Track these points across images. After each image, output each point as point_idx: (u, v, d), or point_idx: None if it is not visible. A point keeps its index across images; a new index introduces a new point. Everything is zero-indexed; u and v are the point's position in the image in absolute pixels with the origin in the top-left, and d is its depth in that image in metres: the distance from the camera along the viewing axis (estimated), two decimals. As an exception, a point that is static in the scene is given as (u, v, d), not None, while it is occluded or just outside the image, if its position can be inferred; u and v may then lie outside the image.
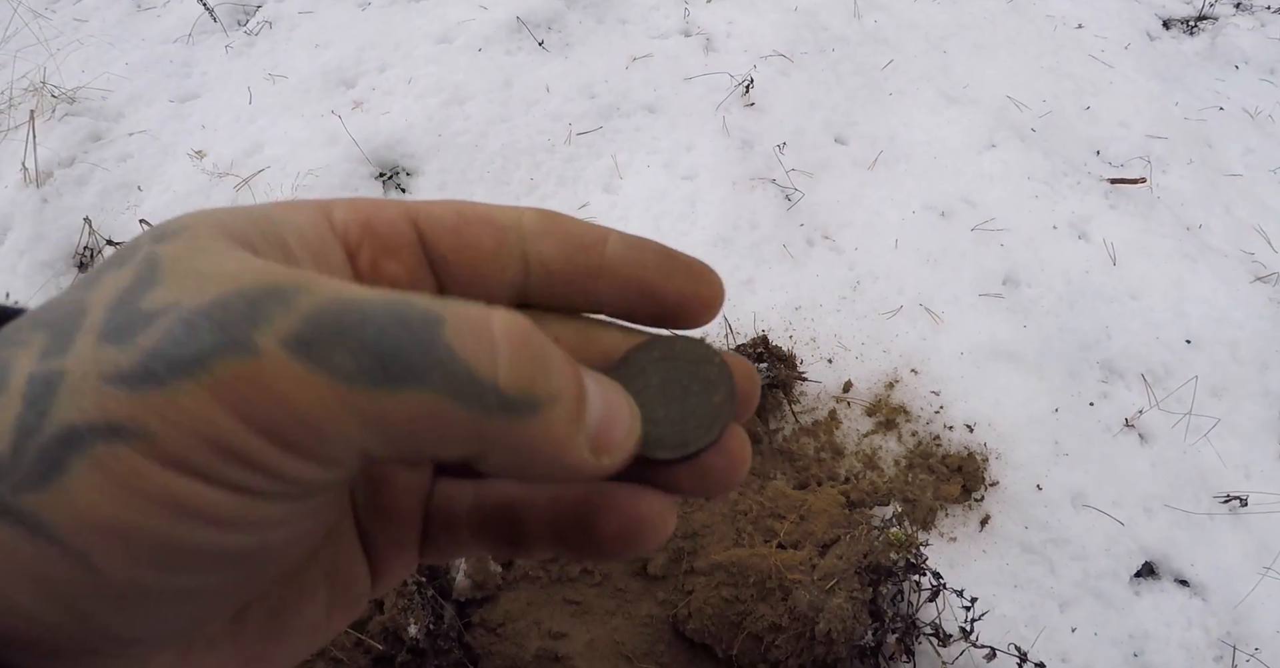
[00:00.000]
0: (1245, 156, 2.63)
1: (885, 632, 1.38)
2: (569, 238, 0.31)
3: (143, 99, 2.36)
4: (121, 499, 0.21)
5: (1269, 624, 1.79)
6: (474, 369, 0.22)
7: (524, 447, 0.24)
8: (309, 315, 0.22)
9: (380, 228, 0.30)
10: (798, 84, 2.51)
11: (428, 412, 0.22)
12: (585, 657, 1.41)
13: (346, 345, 0.21)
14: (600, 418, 0.26)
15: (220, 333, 0.21)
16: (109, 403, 0.21)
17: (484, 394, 0.22)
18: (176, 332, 0.21)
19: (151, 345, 0.21)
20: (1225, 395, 2.06)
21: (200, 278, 0.22)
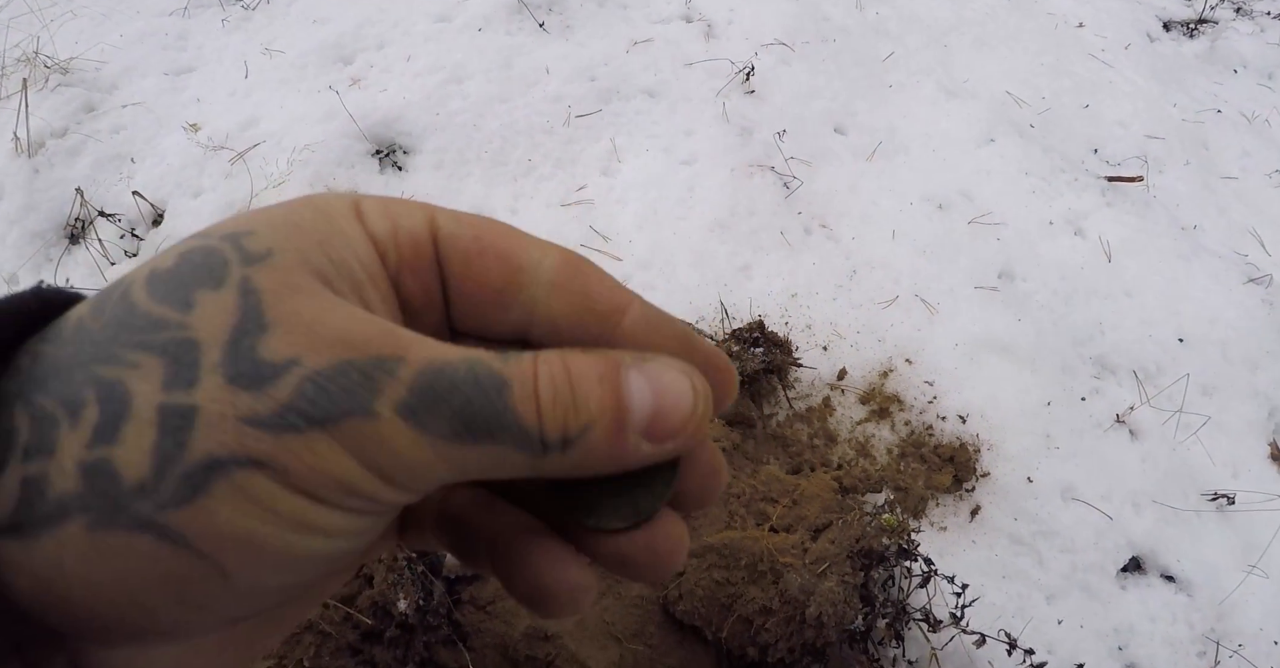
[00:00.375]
0: (1241, 159, 2.64)
1: (876, 617, 1.38)
2: (586, 300, 0.32)
3: (137, 71, 2.33)
4: (257, 516, 0.25)
5: (1253, 621, 1.80)
6: (527, 427, 0.28)
7: (576, 463, 0.29)
8: (411, 385, 0.26)
9: (404, 240, 0.31)
10: (798, 73, 2.50)
11: (499, 459, 0.28)
12: (574, 637, 1.40)
13: (440, 412, 0.27)
14: (651, 413, 0.29)
15: (348, 399, 0.26)
16: (249, 442, 0.25)
17: (534, 444, 0.28)
18: (309, 391, 0.25)
19: (287, 399, 0.25)
20: (1216, 394, 2.07)
21: (311, 335, 0.26)
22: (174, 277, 0.27)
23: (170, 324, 0.26)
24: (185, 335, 0.26)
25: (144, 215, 2.00)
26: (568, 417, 0.28)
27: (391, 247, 0.31)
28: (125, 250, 1.96)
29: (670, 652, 1.46)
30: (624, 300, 0.32)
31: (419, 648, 1.31)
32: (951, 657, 1.49)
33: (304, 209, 0.30)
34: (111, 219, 1.97)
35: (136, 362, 0.25)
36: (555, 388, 0.28)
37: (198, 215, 1.93)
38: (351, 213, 0.31)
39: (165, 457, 0.24)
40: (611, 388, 0.29)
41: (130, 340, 0.25)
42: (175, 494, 0.24)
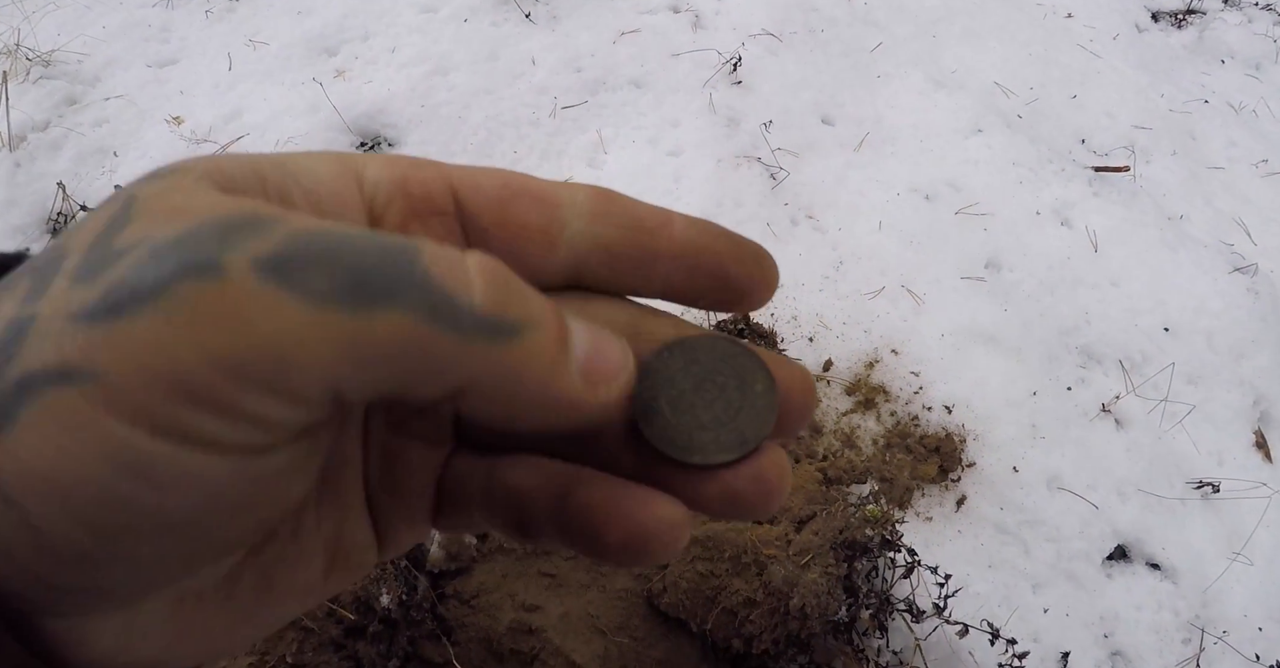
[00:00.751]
0: (1228, 149, 2.64)
1: (859, 607, 1.39)
2: (630, 220, 0.30)
3: (120, 63, 2.31)
4: (62, 451, 0.19)
5: (1237, 608, 1.81)
6: (451, 291, 0.21)
7: (507, 375, 0.23)
8: (285, 238, 0.20)
9: (414, 190, 0.28)
10: (786, 64, 2.49)
11: (404, 335, 0.21)
12: (559, 630, 1.41)
13: (323, 267, 0.20)
14: (588, 349, 0.25)
15: (184, 255, 0.20)
16: (65, 343, 0.19)
17: (461, 315, 0.21)
18: (140, 262, 0.20)
19: (116, 278, 0.20)
20: (1201, 383, 2.08)
21: (174, 212, 0.21)
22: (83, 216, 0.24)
23: (51, 246, 0.22)
24: (58, 252, 0.22)
25: (126, 209, 1.99)
26: (510, 296, 0.23)
27: (399, 195, 0.28)
28: (108, 245, 1.94)
29: (655, 644, 1.47)
30: (665, 214, 0.30)
31: (402, 643, 1.31)
32: (935, 647, 1.49)
33: (296, 152, 0.27)
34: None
35: (14, 285, 0.22)
36: (497, 269, 0.23)
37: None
38: (343, 160, 0.28)
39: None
40: (553, 305, 0.24)
41: (22, 269, 0.22)
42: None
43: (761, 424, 0.29)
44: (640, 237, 0.30)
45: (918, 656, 1.47)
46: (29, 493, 0.20)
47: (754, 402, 0.29)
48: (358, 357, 0.21)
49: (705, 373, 0.30)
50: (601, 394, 0.25)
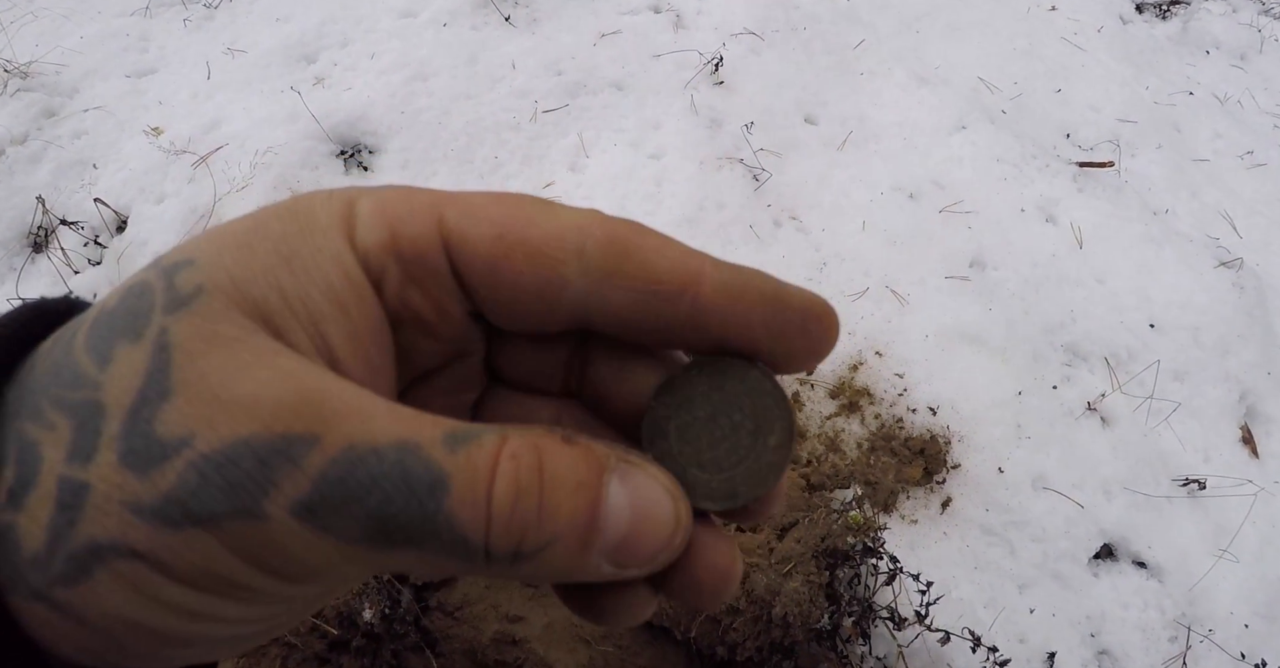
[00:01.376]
0: (1213, 142, 2.63)
1: (842, 615, 1.39)
2: (646, 284, 0.27)
3: (98, 74, 2.30)
4: (140, 603, 0.24)
5: (1223, 606, 1.81)
6: (468, 538, 0.24)
7: (520, 576, 0.25)
8: (317, 479, 0.23)
9: (406, 252, 0.27)
10: (768, 63, 2.48)
11: (422, 563, 0.25)
12: (543, 640, 1.41)
13: (350, 512, 0.23)
14: (624, 536, 0.25)
15: (232, 498, 0.23)
16: (130, 531, 0.23)
17: (475, 554, 0.24)
18: (192, 482, 0.23)
19: (168, 489, 0.23)
20: (1187, 380, 2.08)
21: (213, 405, 0.23)
22: (108, 322, 0.25)
23: (87, 382, 0.24)
24: (95, 398, 0.24)
25: (107, 223, 1.98)
26: (528, 530, 0.24)
27: (391, 261, 0.27)
28: (89, 259, 1.94)
29: (640, 652, 1.47)
30: (692, 271, 0.27)
31: (386, 656, 1.31)
32: (918, 654, 1.49)
33: (277, 221, 0.27)
34: (74, 227, 1.95)
35: (53, 423, 0.24)
36: (519, 494, 0.24)
37: (160, 222, 1.91)
38: (338, 222, 0.27)
39: (57, 533, 0.24)
40: (588, 501, 0.25)
41: (54, 396, 0.25)
42: (63, 573, 0.24)
43: (758, 483, 0.28)
44: (657, 305, 0.27)
45: (901, 663, 1.47)
46: (117, 627, 0.24)
47: (761, 455, 0.28)
48: (383, 569, 0.25)
49: (724, 405, 0.28)
50: (632, 573, 0.26)
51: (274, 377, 0.24)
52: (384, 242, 0.27)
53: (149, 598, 0.24)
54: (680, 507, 0.26)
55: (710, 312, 0.27)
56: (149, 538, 0.23)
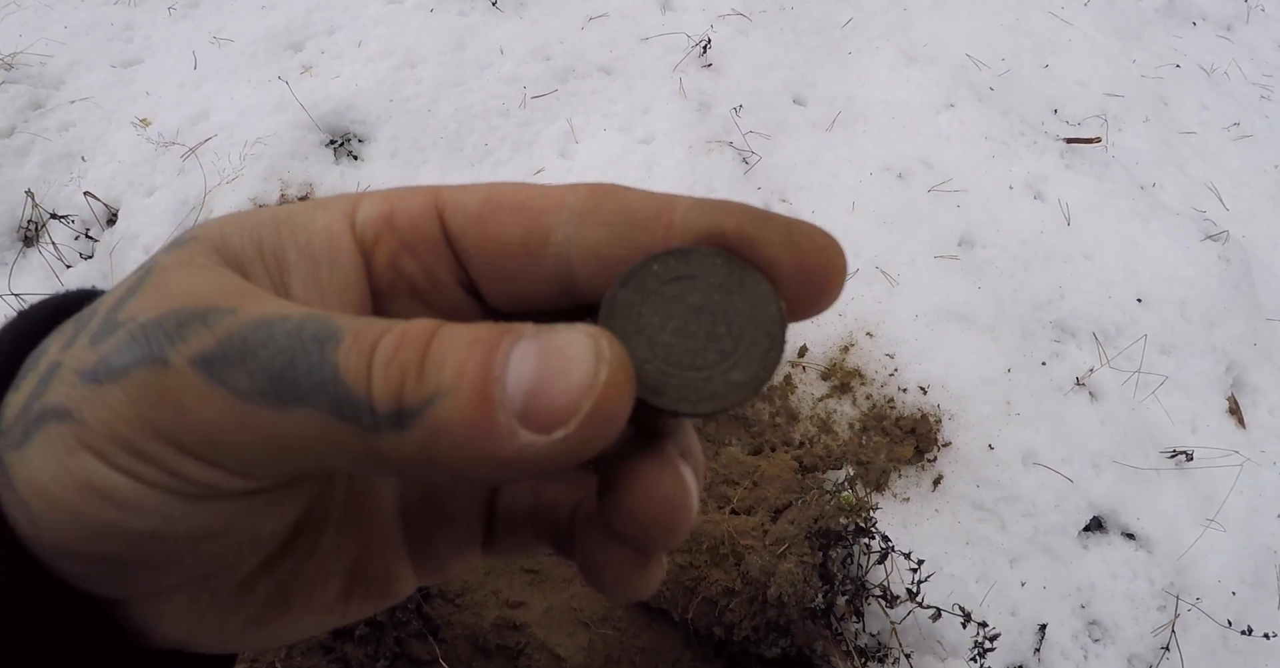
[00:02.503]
0: (1200, 114, 2.64)
1: (835, 594, 1.42)
2: (623, 215, 0.27)
3: (83, 65, 2.28)
4: (53, 470, 0.24)
5: (1211, 574, 1.85)
6: (351, 387, 0.22)
7: (422, 450, 0.22)
8: (222, 336, 0.24)
9: (400, 222, 0.29)
10: (756, 43, 2.48)
11: (315, 429, 0.23)
12: (543, 625, 1.44)
13: (245, 366, 0.23)
14: (530, 384, 0.22)
15: (145, 346, 0.24)
16: (66, 390, 0.25)
17: (361, 410, 0.22)
18: (122, 341, 0.25)
19: (106, 350, 0.25)
20: (1174, 353, 2.11)
21: (161, 294, 0.25)
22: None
23: (98, 301, 0.27)
24: (93, 308, 0.27)
25: (97, 216, 1.98)
26: (406, 378, 0.22)
27: (386, 230, 0.29)
28: (80, 253, 1.94)
29: (639, 634, 1.50)
30: (668, 200, 0.27)
31: (390, 643, 1.34)
32: (911, 630, 1.53)
33: (301, 204, 0.30)
34: (64, 221, 1.95)
35: (63, 329, 0.27)
36: (401, 343, 0.23)
37: (151, 214, 1.91)
38: (342, 204, 0.30)
39: (26, 404, 0.26)
40: (481, 350, 0.23)
41: (76, 316, 0.27)
42: (16, 437, 0.25)
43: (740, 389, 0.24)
44: (633, 234, 0.26)
45: (894, 639, 1.50)
46: (34, 499, 0.25)
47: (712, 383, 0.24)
48: (280, 446, 0.24)
49: (719, 307, 0.25)
50: (560, 436, 0.22)
51: (218, 280, 0.26)
52: (382, 214, 0.29)
53: (60, 462, 0.24)
54: (604, 343, 0.23)
55: (683, 230, 0.26)
56: (75, 395, 0.24)
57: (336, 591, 0.32)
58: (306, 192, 1.96)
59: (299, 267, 0.28)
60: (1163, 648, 1.76)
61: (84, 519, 0.25)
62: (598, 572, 0.29)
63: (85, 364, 0.25)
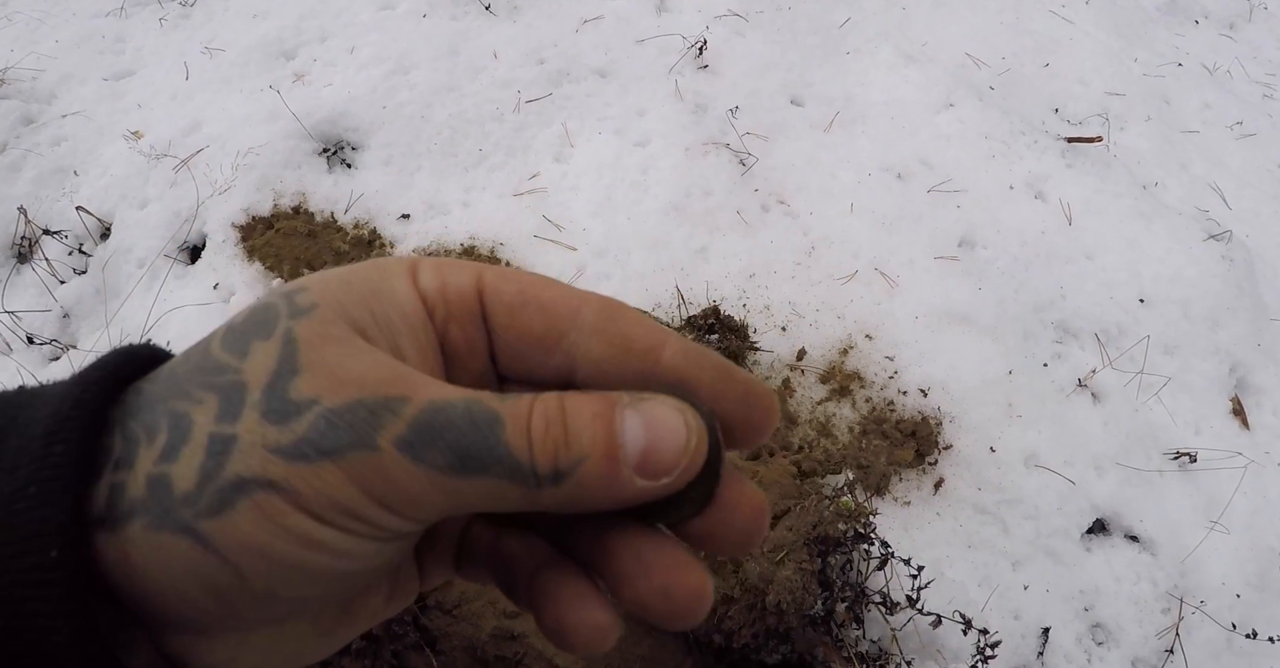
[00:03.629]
0: (1203, 112, 2.62)
1: (834, 601, 1.40)
2: (624, 341, 0.34)
3: (75, 78, 2.28)
4: (270, 531, 0.29)
5: (1215, 577, 1.83)
6: (519, 460, 0.30)
7: (574, 499, 0.31)
8: (411, 423, 0.30)
9: (451, 297, 0.36)
10: (753, 44, 2.46)
11: (492, 490, 0.31)
12: (541, 635, 1.42)
13: (437, 446, 0.30)
14: (644, 448, 0.31)
15: (353, 434, 0.30)
16: (270, 467, 0.29)
17: (528, 476, 0.31)
18: (321, 426, 0.30)
19: (304, 432, 0.30)
20: (1177, 354, 2.09)
21: (333, 378, 0.31)
22: (240, 330, 0.33)
23: (229, 369, 0.32)
24: (238, 379, 0.31)
25: (90, 230, 1.97)
26: (559, 450, 0.30)
27: (440, 302, 0.36)
28: (74, 268, 1.93)
29: (638, 642, 1.49)
30: (660, 338, 0.34)
31: (387, 656, 1.33)
32: (911, 636, 1.51)
33: (363, 267, 0.36)
34: (57, 236, 1.95)
35: (201, 399, 0.31)
36: (548, 423, 0.31)
37: (145, 227, 1.90)
38: (406, 272, 0.36)
39: (206, 475, 0.29)
40: (604, 423, 0.31)
41: (200, 381, 0.31)
42: (209, 506, 0.29)
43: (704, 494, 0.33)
44: (629, 359, 0.35)
45: (894, 646, 1.49)
46: (244, 557, 0.29)
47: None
48: (462, 501, 0.31)
49: None
50: (664, 482, 0.31)
51: (376, 360, 0.32)
52: (439, 286, 0.36)
53: (278, 525, 0.29)
54: (689, 417, 0.32)
55: (670, 370, 0.34)
56: (286, 471, 0.29)
57: (383, 597, 0.39)
58: (299, 201, 1.96)
59: (404, 333, 0.35)
60: (1167, 651, 1.74)
61: (300, 569, 0.30)
62: (564, 635, 0.35)
63: (279, 443, 0.29)
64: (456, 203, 2.04)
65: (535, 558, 0.37)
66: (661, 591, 0.33)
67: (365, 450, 0.30)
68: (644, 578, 0.33)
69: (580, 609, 0.34)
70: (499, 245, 1.97)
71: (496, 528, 0.39)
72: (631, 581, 0.33)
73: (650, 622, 0.34)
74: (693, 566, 0.33)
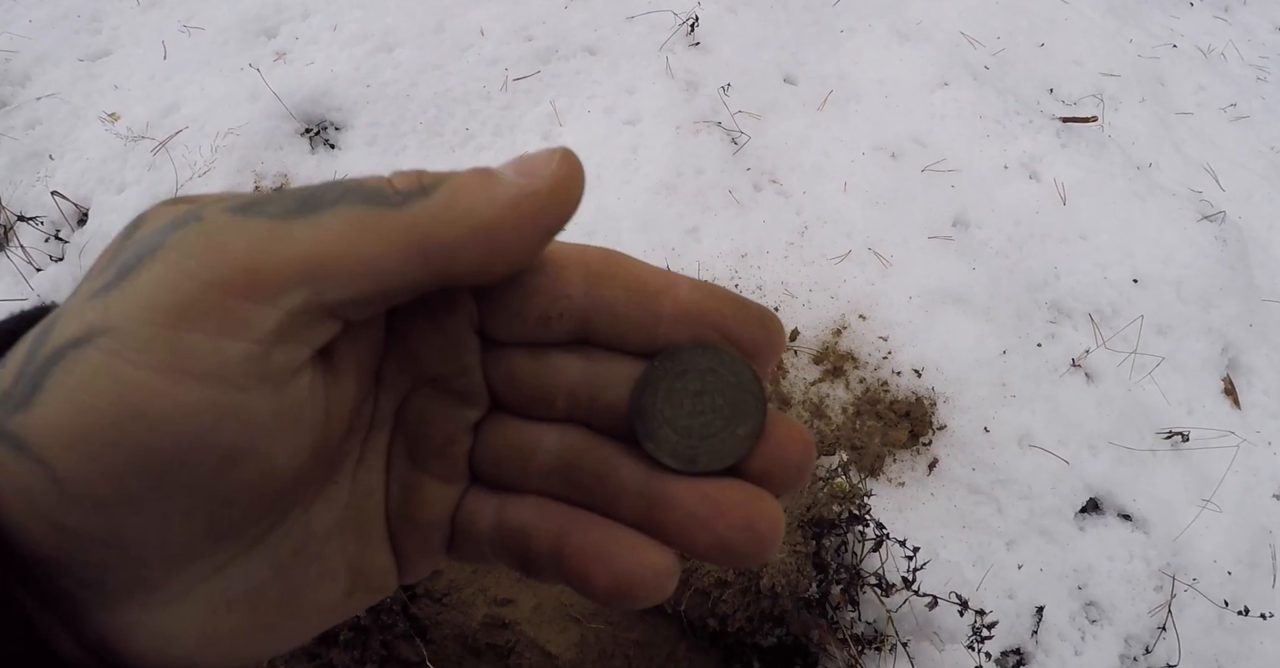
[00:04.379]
0: (1196, 94, 2.60)
1: (829, 583, 1.39)
2: (637, 282, 0.32)
3: (50, 59, 2.22)
4: (80, 404, 0.22)
5: (1206, 555, 1.84)
6: (379, 186, 0.27)
7: (450, 217, 0.27)
8: (258, 195, 0.26)
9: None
10: (745, 21, 2.43)
11: (350, 224, 0.26)
12: (533, 622, 1.41)
13: (280, 199, 0.26)
14: (515, 163, 0.29)
15: (168, 229, 0.25)
16: (86, 315, 0.23)
17: (389, 195, 0.27)
18: (144, 236, 0.25)
19: (124, 256, 0.24)
20: (1170, 334, 2.08)
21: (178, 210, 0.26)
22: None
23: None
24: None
25: (67, 216, 1.92)
26: (424, 175, 0.28)
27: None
28: (50, 255, 1.89)
29: (632, 627, 1.48)
30: (671, 278, 0.32)
31: (376, 647, 1.31)
32: (907, 617, 1.51)
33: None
34: (33, 222, 1.90)
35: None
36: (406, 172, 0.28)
37: (123, 212, 1.86)
38: None
39: (29, 356, 0.24)
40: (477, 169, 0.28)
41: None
42: (22, 394, 0.23)
43: (716, 459, 0.31)
44: (643, 299, 0.31)
45: (890, 627, 1.48)
46: (54, 448, 0.23)
47: (728, 440, 0.31)
48: (319, 254, 0.25)
49: (713, 386, 0.32)
50: (540, 183, 0.28)
51: None
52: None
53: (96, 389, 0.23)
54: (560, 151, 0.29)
55: (690, 305, 0.31)
56: (100, 308, 0.23)
57: (341, 589, 0.33)
58: (281, 183, 1.92)
59: None
60: (1159, 628, 1.75)
61: (122, 445, 0.23)
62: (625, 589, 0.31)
63: (96, 286, 0.24)
64: (444, 183, 2.00)
65: (556, 520, 0.32)
66: (744, 525, 0.30)
67: (186, 225, 0.24)
68: (722, 517, 0.30)
69: (639, 558, 0.30)
70: (487, 227, 1.93)
71: (499, 497, 0.34)
72: (708, 522, 0.30)
73: (720, 563, 0.31)
74: (765, 498, 0.31)
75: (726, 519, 0.30)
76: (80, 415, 0.22)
